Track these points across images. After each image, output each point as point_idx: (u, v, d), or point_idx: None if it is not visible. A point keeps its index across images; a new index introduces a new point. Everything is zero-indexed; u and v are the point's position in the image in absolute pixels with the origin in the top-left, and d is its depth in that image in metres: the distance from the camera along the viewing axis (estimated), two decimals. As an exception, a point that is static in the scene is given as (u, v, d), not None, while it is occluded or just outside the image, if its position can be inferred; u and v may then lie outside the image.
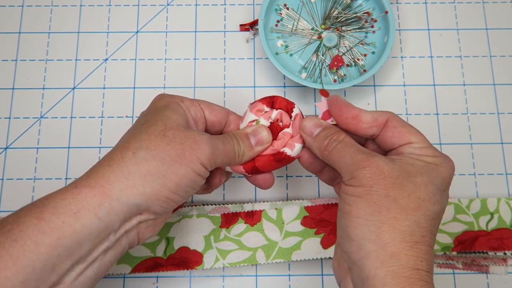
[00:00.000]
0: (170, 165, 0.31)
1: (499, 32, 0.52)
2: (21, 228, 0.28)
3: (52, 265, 0.28)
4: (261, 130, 0.37)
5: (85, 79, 0.51)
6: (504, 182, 0.48)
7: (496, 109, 0.50)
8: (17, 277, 0.27)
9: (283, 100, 0.39)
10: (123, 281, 0.45)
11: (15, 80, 0.51)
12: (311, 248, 0.43)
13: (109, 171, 0.31)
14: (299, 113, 0.38)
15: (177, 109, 0.35)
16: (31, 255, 0.27)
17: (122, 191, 0.30)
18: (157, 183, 0.31)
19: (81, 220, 0.29)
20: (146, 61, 0.51)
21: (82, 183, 0.30)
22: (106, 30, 0.52)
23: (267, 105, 0.39)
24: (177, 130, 0.33)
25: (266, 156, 0.37)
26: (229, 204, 0.45)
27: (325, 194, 0.47)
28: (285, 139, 0.38)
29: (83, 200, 0.29)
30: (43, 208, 0.29)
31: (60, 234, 0.28)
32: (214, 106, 0.38)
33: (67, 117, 0.49)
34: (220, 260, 0.43)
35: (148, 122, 0.33)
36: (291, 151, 0.37)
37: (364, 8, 0.51)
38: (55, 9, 0.53)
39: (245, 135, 0.37)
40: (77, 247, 0.29)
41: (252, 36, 0.52)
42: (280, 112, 0.39)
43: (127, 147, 0.32)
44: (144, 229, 0.33)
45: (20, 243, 0.27)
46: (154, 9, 0.53)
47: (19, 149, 0.48)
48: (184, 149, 0.32)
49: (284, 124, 0.38)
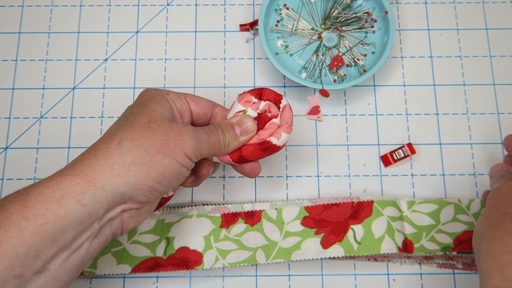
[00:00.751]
0: (154, 155, 0.32)
1: (499, 32, 0.52)
2: (5, 215, 0.28)
3: (36, 251, 0.28)
4: (246, 120, 0.38)
5: (85, 79, 0.51)
6: (504, 182, 0.48)
7: (496, 109, 0.50)
8: (1, 262, 0.27)
9: (271, 92, 0.39)
10: (123, 281, 0.45)
11: (15, 80, 0.51)
12: (311, 248, 0.43)
13: (94, 160, 0.31)
14: (287, 104, 0.38)
15: (162, 102, 0.35)
16: (14, 241, 0.28)
17: (107, 180, 0.31)
18: (141, 173, 0.31)
19: (65, 207, 0.29)
20: (146, 61, 0.51)
21: (67, 172, 0.31)
22: (106, 30, 0.52)
23: (255, 96, 0.39)
24: (161, 122, 0.33)
25: (252, 145, 0.38)
26: (229, 204, 0.45)
27: (325, 194, 0.47)
28: (272, 129, 0.38)
29: (66, 187, 0.30)
30: (27, 196, 0.29)
31: (43, 220, 0.28)
32: (199, 99, 0.39)
33: (67, 117, 0.49)
34: (220, 260, 0.43)
35: (133, 114, 0.34)
36: (277, 141, 0.38)
37: (364, 8, 0.51)
38: (55, 9, 0.53)
39: (230, 125, 0.37)
40: (60, 233, 0.29)
41: (252, 36, 0.52)
42: (268, 103, 0.39)
43: (112, 138, 0.32)
44: (127, 219, 0.34)
45: (4, 229, 0.28)
46: (154, 9, 0.53)
47: (19, 149, 0.48)
48: (168, 140, 0.32)
49: (272, 114, 0.39)
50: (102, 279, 0.45)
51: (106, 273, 0.42)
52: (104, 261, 0.43)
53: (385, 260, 0.45)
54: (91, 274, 0.42)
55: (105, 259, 0.43)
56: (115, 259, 0.43)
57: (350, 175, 0.48)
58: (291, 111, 0.38)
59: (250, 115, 0.39)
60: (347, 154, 0.48)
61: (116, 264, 0.43)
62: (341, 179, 0.48)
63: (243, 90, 0.40)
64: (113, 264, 0.43)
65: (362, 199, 0.45)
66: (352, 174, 0.48)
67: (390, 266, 0.45)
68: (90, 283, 0.44)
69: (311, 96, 0.38)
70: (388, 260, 0.45)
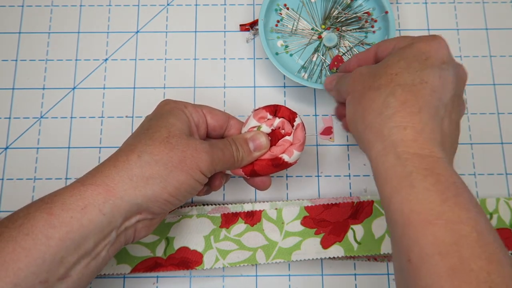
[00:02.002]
0: (171, 171, 0.33)
1: (499, 32, 0.52)
2: (32, 223, 0.29)
3: (61, 258, 0.29)
4: (260, 136, 0.39)
5: (85, 79, 0.51)
6: (504, 182, 0.48)
7: (496, 109, 0.50)
8: (29, 268, 0.28)
9: (286, 109, 0.40)
10: (123, 281, 0.45)
11: (15, 80, 0.51)
12: (311, 248, 0.43)
13: (114, 171, 0.32)
14: (300, 123, 0.40)
15: (180, 116, 0.36)
16: (42, 248, 0.29)
17: (126, 191, 0.32)
18: (158, 187, 0.33)
19: (88, 216, 0.31)
20: (146, 61, 0.51)
21: (89, 181, 0.32)
22: (106, 30, 0.52)
23: (270, 113, 0.40)
24: (180, 138, 0.34)
25: (264, 161, 0.39)
26: (229, 204, 0.45)
27: (325, 194, 0.47)
28: (284, 146, 0.39)
29: (89, 197, 0.31)
30: (52, 204, 0.30)
31: (68, 228, 0.30)
32: (215, 111, 0.40)
33: (67, 117, 0.49)
34: (220, 260, 0.43)
35: (152, 127, 0.35)
36: (289, 158, 0.39)
37: (364, 8, 0.51)
38: (55, 9, 0.53)
39: (244, 141, 0.38)
40: (83, 241, 0.30)
41: (252, 36, 0.52)
42: (283, 120, 0.40)
43: (132, 150, 0.33)
44: (140, 228, 0.35)
45: (32, 237, 0.29)
46: (154, 9, 0.53)
47: (19, 149, 0.48)
48: (185, 156, 0.34)
49: (286, 132, 0.40)
50: (102, 279, 0.45)
51: (106, 273, 0.42)
52: (104, 261, 0.43)
53: (385, 260, 0.45)
54: (91, 274, 0.42)
55: (105, 259, 0.43)
56: (115, 259, 0.43)
57: (350, 175, 0.48)
58: (304, 130, 0.40)
59: (264, 131, 0.40)
60: (347, 154, 0.48)
61: (116, 264, 0.43)
62: (341, 179, 0.48)
63: (258, 106, 0.41)
64: (113, 263, 0.43)
65: (362, 199, 0.45)
66: (352, 174, 0.48)
67: (390, 266, 0.45)
68: (90, 283, 0.44)
69: (325, 117, 0.39)
70: (388, 260, 0.45)
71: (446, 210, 0.27)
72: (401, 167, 0.29)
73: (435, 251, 0.26)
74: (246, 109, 0.50)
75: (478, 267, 0.25)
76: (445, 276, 0.25)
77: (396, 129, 0.30)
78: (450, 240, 0.26)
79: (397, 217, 0.29)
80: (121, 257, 0.43)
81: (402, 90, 0.31)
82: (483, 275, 0.25)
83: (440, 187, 0.28)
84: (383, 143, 0.31)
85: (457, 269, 0.25)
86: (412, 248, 0.27)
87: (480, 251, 0.26)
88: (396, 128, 0.30)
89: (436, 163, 0.29)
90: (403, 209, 0.28)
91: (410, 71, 0.32)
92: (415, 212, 0.28)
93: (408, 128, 0.30)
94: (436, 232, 0.26)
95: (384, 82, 0.32)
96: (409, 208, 0.28)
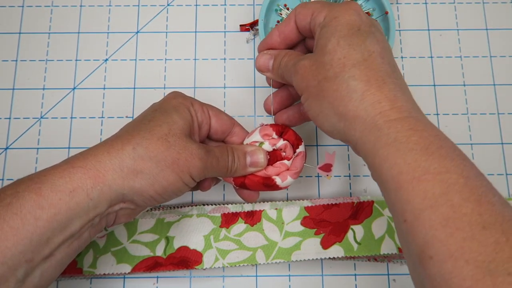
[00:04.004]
0: (162, 170, 0.33)
1: (499, 32, 0.52)
2: (21, 202, 0.30)
3: (47, 239, 0.30)
4: (259, 153, 0.39)
5: (85, 79, 0.51)
6: (504, 182, 0.48)
7: (496, 109, 0.50)
8: (16, 247, 0.29)
9: (293, 134, 0.40)
10: (123, 281, 0.45)
11: (15, 80, 0.51)
12: (311, 248, 0.43)
13: (107, 158, 0.33)
14: (303, 151, 0.40)
15: (185, 114, 0.36)
16: (30, 228, 0.29)
17: (115, 180, 0.32)
18: (146, 182, 0.33)
19: (75, 199, 0.31)
20: (146, 61, 0.51)
21: (79, 164, 0.32)
22: (106, 30, 0.52)
23: (276, 133, 0.40)
24: (179, 138, 0.34)
25: (257, 178, 0.39)
26: (229, 204, 0.45)
27: (325, 194, 0.47)
28: (280, 169, 0.39)
29: (78, 180, 0.31)
30: (41, 185, 0.31)
31: (56, 210, 0.30)
32: (221, 116, 0.40)
33: (67, 117, 0.49)
34: (219, 260, 0.43)
35: (154, 120, 0.35)
36: (281, 182, 0.39)
37: (364, 9, 0.51)
38: (55, 9, 0.53)
39: (243, 154, 0.39)
40: (69, 223, 0.31)
41: (252, 37, 0.52)
42: (286, 143, 0.40)
43: (129, 140, 0.33)
44: (121, 215, 0.35)
45: (20, 216, 0.29)
46: (154, 10, 0.53)
47: (19, 149, 0.48)
48: (179, 158, 0.34)
49: (286, 155, 0.40)
50: (102, 279, 0.44)
51: (106, 273, 0.42)
52: (104, 261, 0.43)
53: (385, 260, 0.45)
54: (91, 274, 0.42)
55: (105, 259, 0.43)
56: (115, 259, 0.43)
57: (350, 175, 0.48)
58: (304, 160, 0.40)
59: (265, 148, 0.40)
60: (347, 154, 0.48)
61: (116, 263, 0.43)
62: (341, 179, 0.48)
63: (267, 123, 0.41)
64: (113, 263, 0.43)
65: (362, 199, 0.45)
66: (352, 174, 0.48)
67: (390, 266, 0.45)
68: (90, 283, 0.44)
69: (329, 153, 0.39)
70: (388, 260, 0.45)
71: (432, 164, 0.27)
72: (385, 137, 0.29)
73: (427, 205, 0.26)
74: (246, 110, 0.50)
75: (469, 210, 0.25)
76: (440, 227, 0.26)
77: (371, 107, 0.30)
78: (440, 191, 0.26)
79: (389, 185, 0.29)
80: (121, 256, 0.43)
81: (358, 69, 0.31)
82: (474, 217, 0.25)
83: (423, 143, 0.28)
84: (364, 124, 0.31)
85: (450, 217, 0.25)
86: (405, 208, 0.27)
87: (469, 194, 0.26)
88: (371, 106, 0.30)
89: (417, 121, 0.30)
90: (392, 174, 0.28)
91: (354, 48, 0.32)
92: (403, 173, 0.28)
93: (382, 101, 0.30)
94: (426, 186, 0.27)
95: (337, 69, 0.32)
96: (397, 171, 0.28)
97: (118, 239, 0.43)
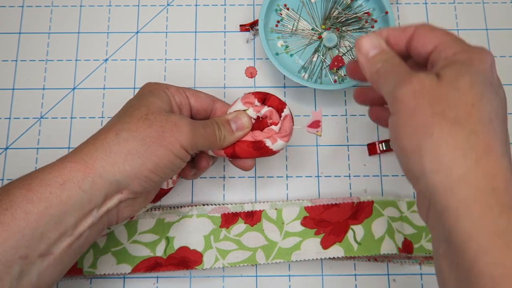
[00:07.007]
0: (149, 146, 0.33)
1: (499, 32, 0.52)
2: (11, 198, 0.30)
3: (41, 233, 0.30)
4: (242, 116, 0.39)
5: (85, 79, 0.51)
6: (504, 182, 0.48)
7: (496, 109, 0.50)
8: (8, 243, 0.29)
9: (276, 99, 0.40)
10: (123, 281, 0.45)
11: (15, 80, 0.51)
12: (311, 248, 0.43)
13: (93, 149, 0.33)
14: (289, 114, 0.39)
15: (161, 95, 0.36)
16: (21, 223, 0.29)
17: (104, 168, 0.32)
18: (137, 162, 0.33)
19: (67, 192, 0.31)
20: (146, 61, 0.51)
21: (68, 159, 0.32)
22: (106, 30, 0.52)
23: (258, 100, 0.40)
24: (159, 114, 0.34)
25: (245, 143, 0.39)
26: (229, 204, 0.45)
27: (325, 194, 0.47)
28: (269, 133, 0.39)
29: (68, 173, 0.31)
30: (31, 181, 0.31)
31: (47, 203, 0.30)
32: (199, 94, 0.39)
33: (67, 117, 0.49)
34: (220, 260, 0.43)
35: (132, 106, 0.36)
36: (271, 144, 0.38)
37: (364, 9, 0.51)
38: (55, 9, 0.53)
39: (226, 121, 0.38)
40: (63, 217, 0.31)
41: (252, 37, 0.52)
42: (271, 110, 0.39)
43: (111, 129, 0.34)
44: (123, 208, 0.35)
45: (11, 211, 0.29)
46: (154, 10, 0.53)
47: (19, 149, 0.48)
48: (164, 131, 0.34)
49: (273, 122, 0.40)
50: (102, 280, 0.45)
51: (106, 273, 0.42)
52: (104, 261, 0.43)
53: (385, 260, 0.45)
54: (91, 274, 0.42)
55: (105, 259, 0.43)
56: (115, 259, 0.43)
57: (351, 176, 0.48)
58: (292, 121, 0.39)
59: (250, 114, 0.39)
60: (347, 154, 0.48)
61: (116, 263, 0.43)
62: (341, 179, 0.48)
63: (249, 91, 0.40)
64: (113, 263, 0.43)
65: (363, 199, 0.45)
66: (352, 175, 0.48)
67: (390, 266, 0.45)
68: (90, 283, 0.44)
69: (314, 111, 0.38)
70: (388, 260, 0.45)
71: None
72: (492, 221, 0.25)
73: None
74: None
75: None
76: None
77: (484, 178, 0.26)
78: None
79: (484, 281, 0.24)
80: (121, 257, 0.43)
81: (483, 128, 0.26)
82: None
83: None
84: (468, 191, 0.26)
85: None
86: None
87: None
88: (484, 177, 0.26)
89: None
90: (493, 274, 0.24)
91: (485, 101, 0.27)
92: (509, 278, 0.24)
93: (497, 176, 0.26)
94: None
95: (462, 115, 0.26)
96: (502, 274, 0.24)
97: (118, 239, 0.43)
